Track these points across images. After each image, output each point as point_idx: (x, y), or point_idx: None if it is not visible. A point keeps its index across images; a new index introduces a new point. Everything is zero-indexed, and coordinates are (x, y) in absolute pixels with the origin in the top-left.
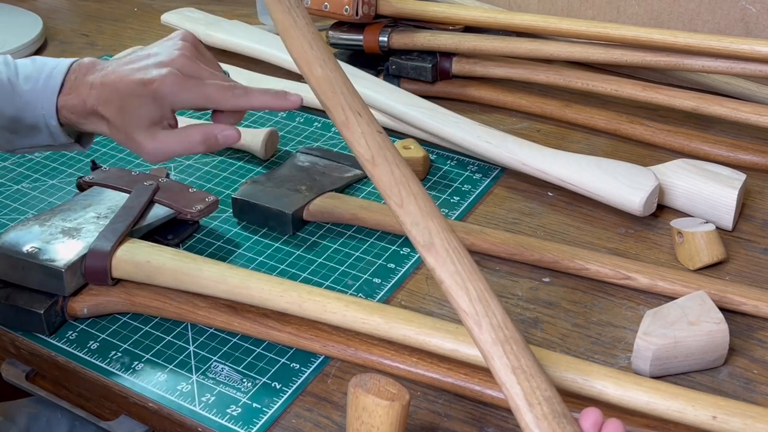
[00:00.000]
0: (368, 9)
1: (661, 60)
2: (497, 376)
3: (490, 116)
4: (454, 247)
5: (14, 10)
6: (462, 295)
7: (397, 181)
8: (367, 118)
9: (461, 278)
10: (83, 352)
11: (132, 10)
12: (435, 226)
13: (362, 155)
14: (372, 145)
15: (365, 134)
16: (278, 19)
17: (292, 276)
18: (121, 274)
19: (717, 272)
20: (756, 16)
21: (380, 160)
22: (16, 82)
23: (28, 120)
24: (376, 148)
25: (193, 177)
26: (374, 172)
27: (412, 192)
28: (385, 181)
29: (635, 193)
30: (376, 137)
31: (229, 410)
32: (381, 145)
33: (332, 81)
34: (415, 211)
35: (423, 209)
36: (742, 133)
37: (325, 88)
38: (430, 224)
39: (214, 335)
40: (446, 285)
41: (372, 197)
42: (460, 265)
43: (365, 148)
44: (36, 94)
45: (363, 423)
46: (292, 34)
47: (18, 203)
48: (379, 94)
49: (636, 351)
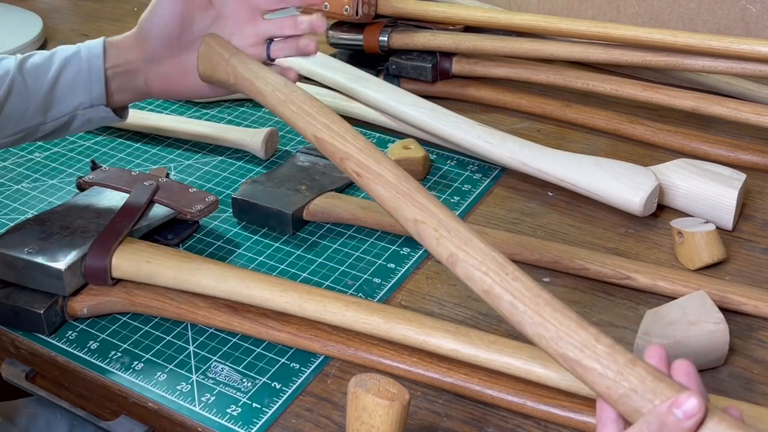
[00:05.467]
0: (368, 9)
1: (661, 60)
2: (556, 344)
3: (490, 116)
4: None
5: (14, 10)
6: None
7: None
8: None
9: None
10: (83, 352)
11: (132, 10)
12: None
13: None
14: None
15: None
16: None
17: (292, 276)
18: (121, 274)
19: (717, 272)
20: (756, 16)
21: None
22: (59, 50)
23: (70, 71)
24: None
25: (193, 177)
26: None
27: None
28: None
29: (635, 193)
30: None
31: (229, 410)
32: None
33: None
34: None
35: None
36: (742, 133)
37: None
38: None
39: (214, 335)
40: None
41: None
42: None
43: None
44: (82, 48)
45: (363, 423)
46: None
47: (18, 203)
48: (379, 94)
49: (636, 351)
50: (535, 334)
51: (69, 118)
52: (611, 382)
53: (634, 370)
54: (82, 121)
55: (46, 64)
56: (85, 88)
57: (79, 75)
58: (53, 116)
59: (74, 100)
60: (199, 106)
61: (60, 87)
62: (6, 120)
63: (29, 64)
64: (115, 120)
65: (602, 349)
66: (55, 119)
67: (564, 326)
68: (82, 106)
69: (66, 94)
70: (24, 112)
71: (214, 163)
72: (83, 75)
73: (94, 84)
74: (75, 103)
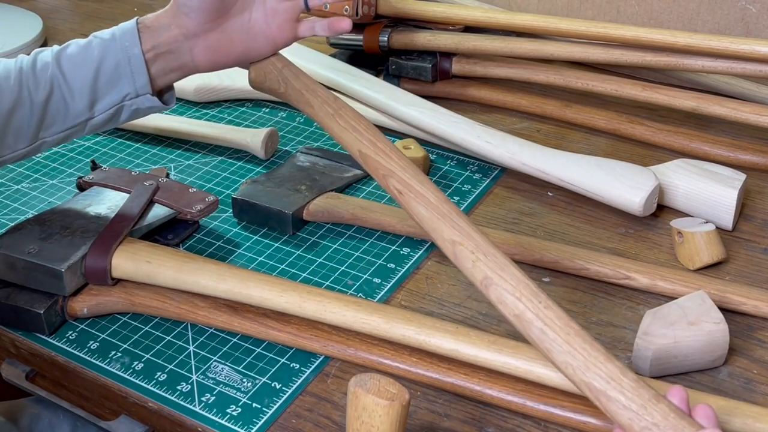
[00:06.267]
0: (368, 9)
1: (661, 60)
2: (590, 383)
3: (490, 116)
4: None
5: (14, 10)
6: None
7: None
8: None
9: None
10: (83, 352)
11: (132, 10)
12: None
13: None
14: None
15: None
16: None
17: (292, 276)
18: (121, 274)
19: (717, 272)
20: (756, 16)
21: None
22: (99, 34)
23: (110, 61)
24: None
25: (193, 177)
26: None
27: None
28: None
29: (635, 193)
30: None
31: (229, 410)
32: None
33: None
34: None
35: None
36: (742, 133)
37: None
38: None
39: (214, 335)
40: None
41: (372, 197)
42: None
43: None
44: (116, 34)
45: (363, 423)
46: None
47: (18, 203)
48: (379, 94)
49: (636, 351)
50: (562, 362)
51: (116, 110)
52: (634, 414)
53: (658, 406)
54: (129, 112)
55: (83, 57)
56: (128, 78)
57: (119, 66)
58: (100, 110)
59: (119, 92)
60: (199, 106)
61: (101, 80)
62: (52, 118)
63: (66, 59)
64: (162, 108)
65: (628, 383)
66: (103, 112)
67: (592, 357)
68: (129, 97)
69: (109, 87)
70: (67, 109)
71: (214, 163)
72: (123, 65)
73: (136, 74)
74: (121, 95)
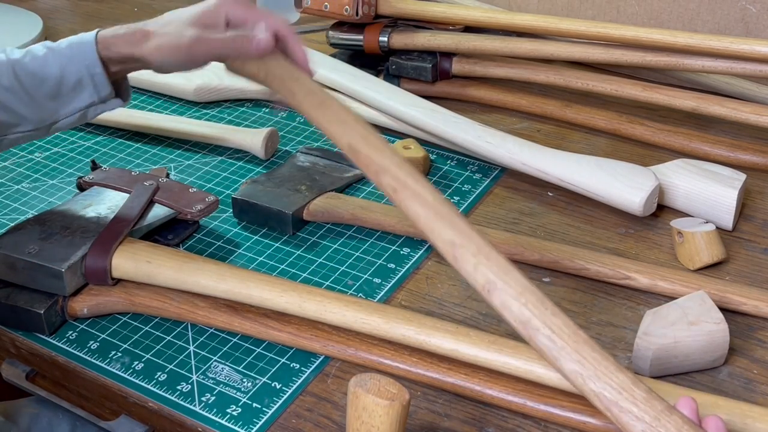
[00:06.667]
0: (368, 9)
1: (661, 60)
2: (598, 393)
3: (490, 116)
4: None
5: (14, 10)
6: None
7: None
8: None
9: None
10: (83, 352)
11: (132, 10)
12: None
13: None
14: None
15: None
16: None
17: (292, 276)
18: (121, 274)
19: (717, 272)
20: (756, 16)
21: None
22: (56, 47)
23: (71, 76)
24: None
25: (193, 177)
26: None
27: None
28: None
29: (635, 193)
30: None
31: (229, 410)
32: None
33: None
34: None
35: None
36: (742, 133)
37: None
38: None
39: (214, 335)
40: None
41: (372, 197)
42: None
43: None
44: (77, 47)
45: (363, 423)
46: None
47: (18, 203)
48: (379, 94)
49: (636, 351)
50: (571, 371)
51: (81, 115)
52: (647, 426)
53: (671, 417)
54: (95, 113)
55: (42, 70)
56: (91, 91)
57: (82, 81)
58: (65, 114)
59: (82, 101)
60: (199, 106)
61: (63, 94)
62: (17, 119)
63: (22, 70)
64: (124, 105)
65: (640, 394)
66: (68, 116)
67: (603, 366)
68: (93, 104)
69: (73, 98)
70: (30, 114)
71: (214, 163)
72: (85, 80)
73: (99, 87)
74: (85, 103)
